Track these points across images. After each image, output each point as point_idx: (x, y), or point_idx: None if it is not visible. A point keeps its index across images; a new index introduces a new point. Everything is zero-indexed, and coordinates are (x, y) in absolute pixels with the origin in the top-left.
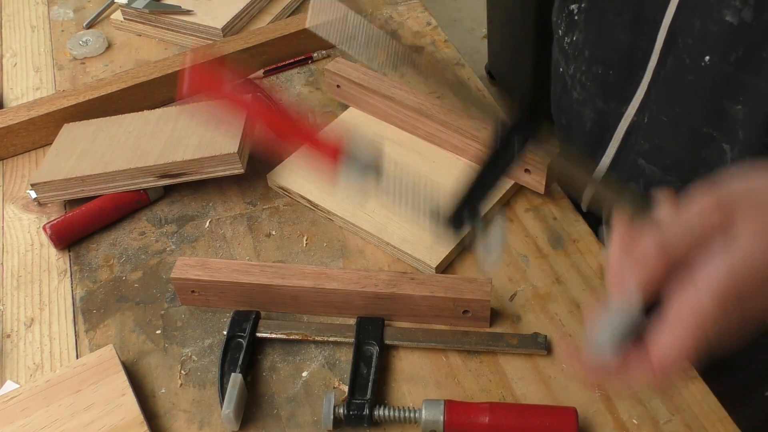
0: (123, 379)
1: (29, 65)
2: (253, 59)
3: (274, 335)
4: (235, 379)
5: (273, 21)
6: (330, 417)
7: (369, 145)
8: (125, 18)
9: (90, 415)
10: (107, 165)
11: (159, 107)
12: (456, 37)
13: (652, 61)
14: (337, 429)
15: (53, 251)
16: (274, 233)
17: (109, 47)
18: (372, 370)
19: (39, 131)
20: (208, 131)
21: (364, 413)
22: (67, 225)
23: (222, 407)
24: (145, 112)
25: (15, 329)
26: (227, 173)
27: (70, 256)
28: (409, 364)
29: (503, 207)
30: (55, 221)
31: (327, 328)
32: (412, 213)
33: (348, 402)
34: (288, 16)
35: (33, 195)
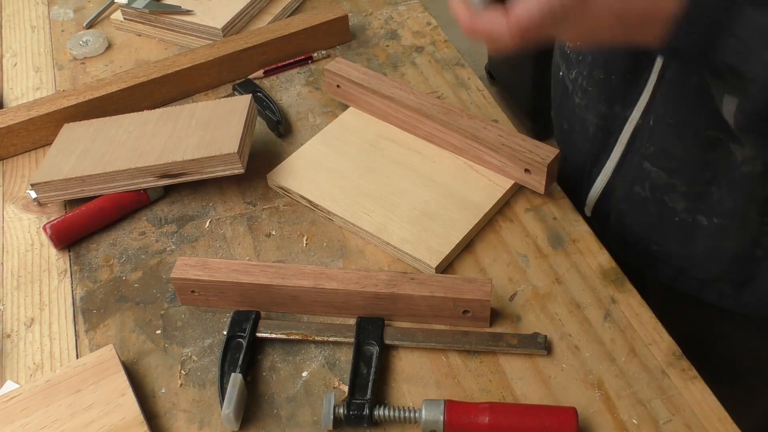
0: (123, 379)
1: (29, 65)
2: (253, 59)
3: (274, 335)
4: (235, 379)
5: (273, 21)
6: (330, 417)
7: None
8: (125, 18)
9: (90, 415)
10: (107, 165)
11: (159, 107)
12: (456, 37)
13: (657, 64)
14: (337, 429)
15: (53, 251)
16: (274, 233)
17: (109, 47)
18: (372, 370)
19: (39, 131)
20: (208, 131)
21: (364, 413)
22: (67, 225)
23: (222, 407)
24: (145, 112)
25: (15, 329)
26: (227, 173)
27: (70, 256)
28: (409, 364)
29: (502, 207)
30: (55, 221)
31: (327, 328)
32: None
33: (348, 402)
34: (288, 16)
35: (33, 195)
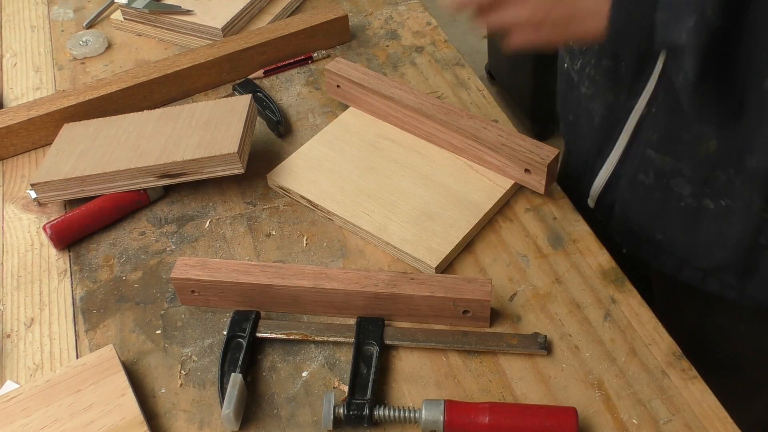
0: (123, 379)
1: (29, 65)
2: (253, 59)
3: (274, 335)
4: (235, 379)
5: (273, 21)
6: (330, 417)
7: None
8: (125, 18)
9: (90, 415)
10: (107, 165)
11: (159, 107)
12: (456, 37)
13: (663, 53)
14: (337, 429)
15: (53, 251)
16: (274, 233)
17: (109, 47)
18: (372, 370)
19: (39, 131)
20: (208, 131)
21: (364, 413)
22: (67, 225)
23: (222, 407)
24: (145, 112)
25: (15, 329)
26: (227, 173)
27: (70, 256)
28: (409, 364)
29: (502, 207)
30: (55, 221)
31: (327, 328)
32: None
33: (348, 402)
34: (288, 16)
35: (33, 195)
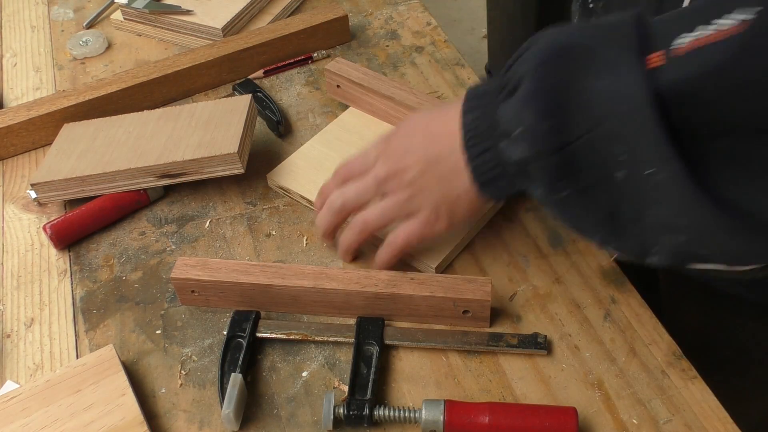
0: (123, 379)
1: (29, 65)
2: (253, 59)
3: (274, 335)
4: (235, 379)
5: (273, 21)
6: (330, 417)
7: None
8: (125, 18)
9: (90, 415)
10: (107, 165)
11: (159, 107)
12: (456, 37)
13: None
14: (337, 429)
15: (53, 251)
16: (274, 233)
17: (109, 47)
18: (372, 370)
19: (39, 131)
20: (208, 131)
21: (364, 413)
22: (67, 225)
23: (222, 407)
24: (145, 112)
25: (15, 329)
26: (227, 173)
27: (70, 256)
28: (409, 364)
29: (502, 207)
30: (55, 221)
31: (327, 328)
32: None
33: (348, 402)
34: (288, 16)
35: (33, 195)
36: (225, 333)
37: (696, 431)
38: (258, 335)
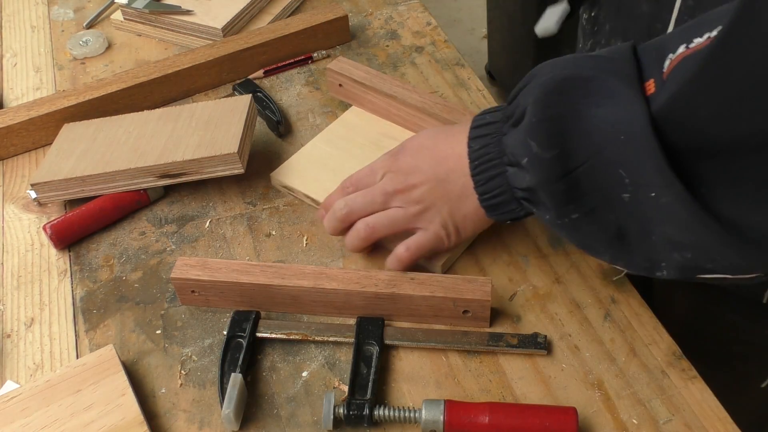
0: (123, 379)
1: (29, 65)
2: (253, 59)
3: (274, 335)
4: (235, 379)
5: (273, 21)
6: (330, 417)
7: None
8: (125, 18)
9: (90, 415)
10: (107, 165)
11: (159, 107)
12: (456, 37)
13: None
14: (337, 429)
15: (53, 251)
16: (274, 233)
17: (109, 47)
18: (372, 370)
19: (39, 131)
20: (208, 131)
21: (364, 413)
22: (67, 225)
23: (222, 407)
24: (145, 112)
25: (15, 329)
26: (227, 173)
27: (70, 256)
28: (409, 364)
29: None
30: (55, 221)
31: (327, 328)
32: None
33: (348, 402)
34: (288, 16)
35: (33, 195)
36: (225, 333)
37: (696, 431)
38: (258, 335)
